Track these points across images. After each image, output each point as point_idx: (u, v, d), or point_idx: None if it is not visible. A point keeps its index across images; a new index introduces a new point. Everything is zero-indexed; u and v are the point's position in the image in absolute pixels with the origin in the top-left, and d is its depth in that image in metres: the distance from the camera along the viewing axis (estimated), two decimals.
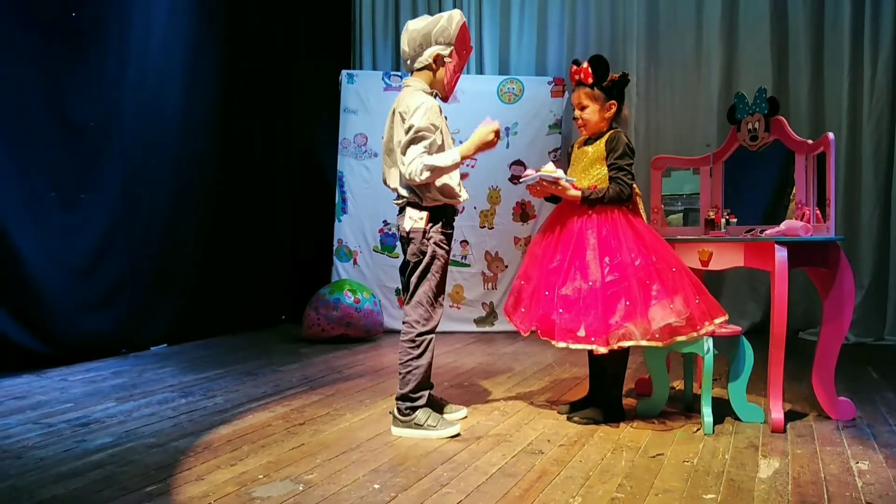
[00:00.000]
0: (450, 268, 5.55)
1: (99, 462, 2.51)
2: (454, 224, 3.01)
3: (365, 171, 5.71)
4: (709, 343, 2.90)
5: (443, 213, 2.91)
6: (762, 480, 2.34)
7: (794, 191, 3.26)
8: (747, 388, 3.05)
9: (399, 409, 2.87)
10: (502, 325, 5.59)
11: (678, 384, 3.51)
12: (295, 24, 6.21)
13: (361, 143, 5.74)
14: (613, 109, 3.05)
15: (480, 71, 6.30)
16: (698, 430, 2.90)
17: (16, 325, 4.01)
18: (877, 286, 5.28)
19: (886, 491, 2.26)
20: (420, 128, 2.78)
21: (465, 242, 5.72)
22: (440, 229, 2.90)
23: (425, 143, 2.78)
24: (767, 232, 3.12)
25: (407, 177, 2.79)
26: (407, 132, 2.80)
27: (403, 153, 2.80)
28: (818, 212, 3.12)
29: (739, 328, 3.08)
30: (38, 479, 2.35)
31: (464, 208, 5.56)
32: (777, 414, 2.88)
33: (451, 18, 2.88)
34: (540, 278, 3.01)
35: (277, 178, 6.17)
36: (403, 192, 2.91)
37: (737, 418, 3.03)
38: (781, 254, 2.87)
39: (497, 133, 2.90)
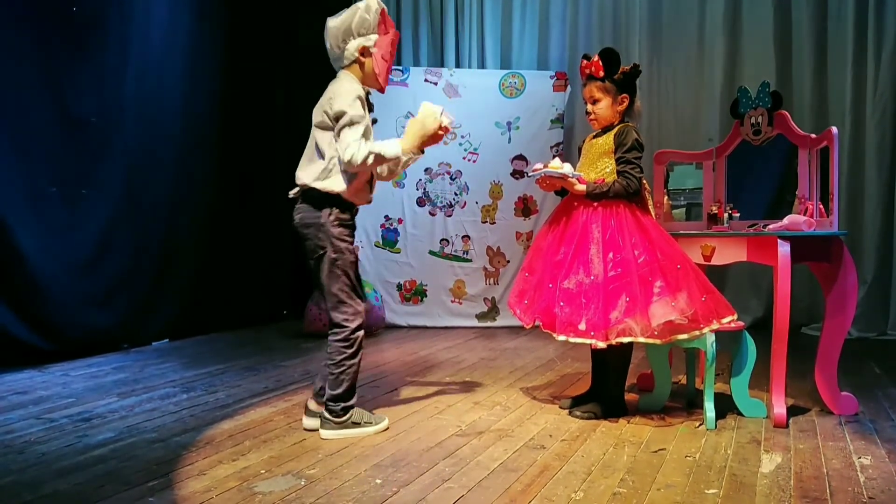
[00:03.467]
0: (452, 263, 5.71)
1: (101, 457, 2.51)
2: (355, 220, 2.88)
3: None
4: (711, 338, 2.89)
5: (340, 203, 2.78)
6: (764, 475, 2.34)
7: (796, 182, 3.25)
8: (750, 383, 3.04)
9: (332, 411, 2.75)
10: (504, 320, 5.59)
11: (681, 379, 3.50)
12: (296, 20, 6.19)
13: None
14: (626, 103, 3.03)
15: (482, 65, 6.28)
16: (700, 425, 2.90)
17: (18, 320, 4.02)
18: (880, 281, 5.27)
19: (889, 486, 2.25)
20: (354, 115, 2.69)
21: (466, 237, 5.71)
22: (336, 221, 2.76)
23: (360, 127, 2.69)
24: (770, 227, 3.11)
25: (346, 160, 2.66)
26: (338, 118, 2.70)
27: (337, 136, 2.70)
28: (821, 206, 3.11)
29: (742, 323, 3.07)
30: (40, 473, 2.35)
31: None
32: (779, 409, 2.88)
33: (369, 7, 2.78)
34: (544, 271, 3.01)
35: (279, 173, 6.15)
36: (308, 183, 2.80)
37: (739, 413, 3.03)
38: (784, 248, 2.86)
39: (440, 125, 2.74)
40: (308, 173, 2.82)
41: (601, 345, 2.79)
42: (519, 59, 6.23)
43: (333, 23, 2.82)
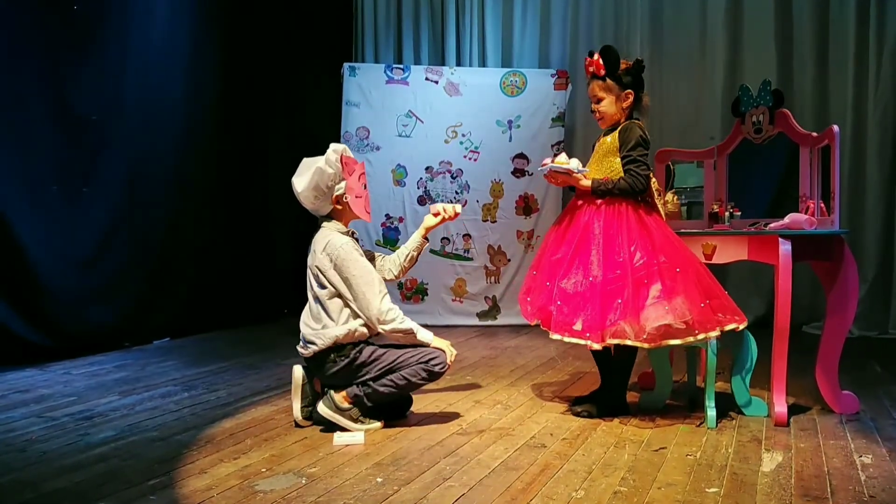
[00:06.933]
0: (453, 261, 5.72)
1: (102, 455, 2.52)
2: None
3: (367, 164, 5.68)
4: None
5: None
6: (765, 474, 2.34)
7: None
8: (751, 381, 3.04)
9: (348, 396, 2.85)
10: (505, 318, 5.60)
11: (682, 377, 3.50)
12: (297, 17, 6.19)
13: (364, 137, 5.73)
14: (630, 99, 3.02)
15: (483, 63, 6.29)
16: (701, 423, 2.90)
17: (19, 318, 4.03)
18: (881, 279, 5.26)
19: (890, 485, 2.25)
20: (362, 275, 2.85)
21: (467, 236, 5.71)
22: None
23: (379, 286, 2.88)
24: (771, 225, 3.10)
25: (382, 321, 2.89)
26: (348, 281, 2.84)
27: (362, 298, 2.86)
28: (822, 205, 3.11)
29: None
30: (41, 472, 2.36)
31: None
32: (780, 408, 2.88)
33: (329, 160, 2.85)
34: (544, 269, 3.01)
35: (279, 171, 6.16)
36: (318, 342, 2.92)
37: (740, 412, 3.02)
38: (785, 247, 2.86)
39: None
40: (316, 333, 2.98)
41: (596, 346, 2.78)
42: (520, 57, 6.24)
43: (301, 186, 2.89)
